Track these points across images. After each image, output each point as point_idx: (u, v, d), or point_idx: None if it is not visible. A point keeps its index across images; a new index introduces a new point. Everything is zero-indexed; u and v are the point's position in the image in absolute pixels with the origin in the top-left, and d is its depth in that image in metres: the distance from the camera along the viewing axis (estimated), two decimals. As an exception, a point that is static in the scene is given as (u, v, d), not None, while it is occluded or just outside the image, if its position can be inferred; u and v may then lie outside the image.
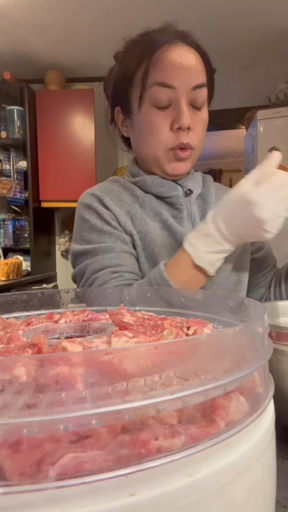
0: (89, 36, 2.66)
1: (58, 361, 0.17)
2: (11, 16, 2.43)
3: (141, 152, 0.77)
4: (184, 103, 0.68)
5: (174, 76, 0.67)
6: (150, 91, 0.68)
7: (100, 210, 0.74)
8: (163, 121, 0.70)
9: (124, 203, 0.77)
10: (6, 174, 2.99)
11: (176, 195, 0.77)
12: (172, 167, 0.74)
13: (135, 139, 0.78)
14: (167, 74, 0.67)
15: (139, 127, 0.73)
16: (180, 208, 0.78)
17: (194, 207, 0.80)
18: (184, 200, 0.78)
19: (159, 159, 0.74)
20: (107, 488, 0.16)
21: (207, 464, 0.18)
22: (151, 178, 0.77)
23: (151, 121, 0.70)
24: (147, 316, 0.38)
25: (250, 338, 0.23)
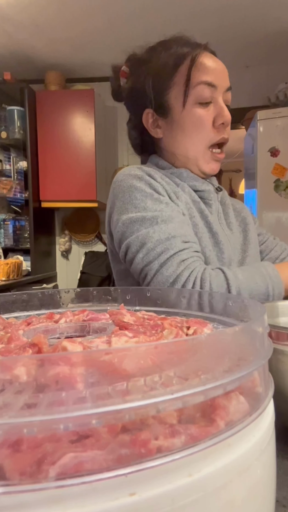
0: (89, 37, 2.66)
1: (58, 361, 0.17)
2: (12, 17, 2.43)
3: (180, 150, 0.79)
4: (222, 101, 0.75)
5: (215, 77, 0.74)
6: (195, 90, 0.74)
7: (153, 182, 0.75)
8: (208, 118, 0.75)
9: (169, 184, 0.78)
10: (6, 174, 2.99)
11: (208, 190, 0.81)
12: (210, 168, 0.80)
13: (174, 137, 0.79)
14: (210, 75, 0.74)
15: (181, 125, 0.77)
16: (210, 204, 0.81)
17: (219, 204, 0.84)
18: (214, 196, 0.82)
19: (198, 158, 0.78)
20: (107, 488, 0.16)
21: (207, 464, 0.18)
22: (187, 172, 0.81)
23: (197, 118, 0.75)
24: (147, 316, 0.38)
25: (250, 338, 0.23)
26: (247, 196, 2.96)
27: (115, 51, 2.93)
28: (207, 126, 0.76)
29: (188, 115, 0.76)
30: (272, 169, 2.57)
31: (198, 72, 0.74)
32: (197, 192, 0.81)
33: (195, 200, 0.79)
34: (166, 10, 2.32)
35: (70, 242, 3.39)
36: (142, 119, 0.82)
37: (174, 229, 0.68)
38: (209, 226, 0.78)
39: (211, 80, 0.74)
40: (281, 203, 2.53)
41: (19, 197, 3.00)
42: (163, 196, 0.73)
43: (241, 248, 0.83)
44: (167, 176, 0.81)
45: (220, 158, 0.80)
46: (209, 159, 0.79)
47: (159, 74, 0.77)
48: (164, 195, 0.74)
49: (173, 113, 0.77)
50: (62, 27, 2.54)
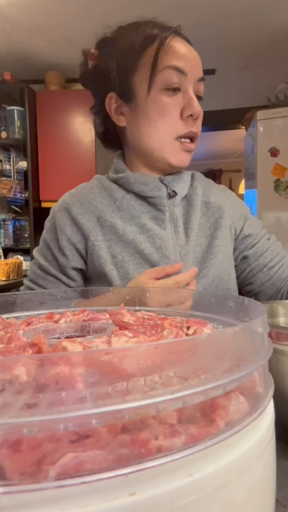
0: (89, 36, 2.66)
1: (58, 361, 0.17)
2: (12, 17, 2.43)
3: (144, 141, 0.72)
4: (192, 92, 0.69)
5: (186, 64, 0.67)
6: (162, 74, 0.67)
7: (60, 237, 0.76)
8: (175, 107, 0.69)
9: (95, 209, 0.75)
10: (6, 174, 2.99)
11: (159, 196, 0.75)
12: (179, 159, 0.72)
13: (136, 126, 0.72)
14: (180, 60, 0.67)
15: (146, 112, 0.70)
16: (163, 210, 0.75)
17: (178, 209, 0.77)
18: (168, 202, 0.76)
19: (164, 149, 0.71)
20: (107, 488, 0.16)
21: (207, 464, 0.18)
22: (134, 176, 0.75)
23: (163, 105, 0.68)
24: (147, 316, 0.38)
25: (250, 338, 0.23)
26: (247, 196, 2.97)
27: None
28: (173, 116, 0.69)
29: (153, 102, 0.69)
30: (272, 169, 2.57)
31: (166, 55, 0.67)
32: (148, 198, 0.75)
33: (134, 216, 0.75)
34: (166, 11, 2.32)
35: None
36: (105, 104, 0.74)
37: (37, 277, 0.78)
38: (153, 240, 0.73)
39: (180, 65, 0.67)
40: (281, 203, 2.53)
41: (19, 197, 3.00)
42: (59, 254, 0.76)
43: (201, 257, 0.76)
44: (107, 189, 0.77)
45: (191, 149, 0.72)
46: (177, 150, 0.71)
47: (124, 54, 0.70)
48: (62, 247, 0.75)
49: (137, 98, 0.70)
50: (62, 27, 2.54)
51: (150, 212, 0.76)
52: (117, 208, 0.76)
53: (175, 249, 0.74)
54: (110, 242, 0.73)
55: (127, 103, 0.72)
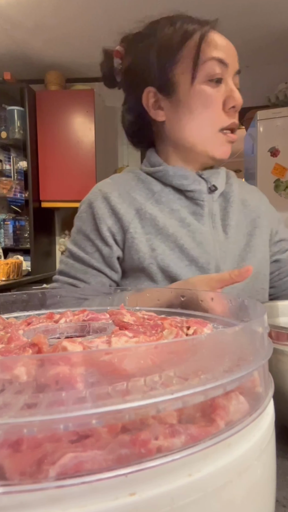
0: (89, 36, 2.66)
1: (58, 361, 0.17)
2: (12, 17, 2.43)
3: (185, 134, 0.71)
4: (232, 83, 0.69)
5: (226, 55, 0.68)
6: (204, 66, 0.67)
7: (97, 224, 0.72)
8: (218, 99, 0.68)
9: (134, 200, 0.73)
10: (6, 174, 2.99)
11: (199, 190, 0.73)
12: (222, 151, 0.71)
13: (177, 120, 0.71)
14: (221, 52, 0.67)
15: (188, 105, 0.69)
16: (202, 205, 0.74)
17: (216, 204, 0.76)
18: (207, 197, 0.74)
19: (207, 142, 0.70)
20: (107, 488, 0.16)
21: (207, 464, 0.18)
22: (174, 169, 0.73)
23: (207, 96, 0.68)
24: (147, 316, 0.38)
25: (250, 338, 0.23)
26: (247, 196, 2.96)
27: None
28: (217, 108, 0.68)
29: (196, 94, 0.68)
30: (272, 169, 2.57)
31: (208, 47, 0.66)
32: (187, 192, 0.74)
33: (174, 209, 0.73)
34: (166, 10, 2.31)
35: (70, 242, 3.39)
36: (142, 99, 0.73)
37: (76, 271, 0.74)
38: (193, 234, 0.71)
39: (222, 57, 0.67)
40: (281, 203, 2.53)
41: (19, 197, 3.00)
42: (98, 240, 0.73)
43: (239, 255, 0.74)
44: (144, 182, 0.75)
45: (234, 139, 0.71)
46: (222, 142, 0.70)
47: (164, 47, 0.69)
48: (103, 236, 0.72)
49: (179, 91, 0.69)
50: (62, 27, 2.54)
51: (189, 206, 0.74)
52: (156, 201, 0.74)
53: (214, 245, 0.72)
54: (149, 235, 0.71)
55: (167, 96, 0.71)
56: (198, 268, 0.71)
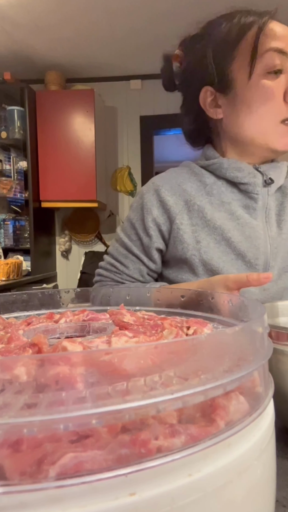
0: (89, 36, 2.66)
1: (58, 361, 0.17)
2: (12, 17, 2.43)
3: (244, 129, 0.71)
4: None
5: (287, 44, 0.65)
6: (263, 58, 0.65)
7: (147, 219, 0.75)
8: (278, 91, 0.66)
9: (184, 192, 0.74)
10: (6, 174, 2.99)
11: (253, 183, 0.72)
12: (284, 143, 0.69)
13: (236, 116, 0.71)
14: (281, 41, 0.65)
15: (246, 99, 0.68)
16: (255, 198, 0.73)
17: (272, 199, 0.74)
18: (262, 190, 0.73)
19: (268, 134, 0.69)
20: (107, 488, 0.16)
21: (207, 464, 0.18)
22: (229, 161, 0.73)
23: (266, 89, 0.66)
24: (147, 316, 0.38)
25: (250, 338, 0.23)
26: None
27: (115, 51, 2.94)
28: (277, 99, 0.66)
29: (254, 88, 0.67)
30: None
31: (266, 38, 0.65)
32: (240, 185, 0.73)
33: (225, 202, 0.72)
34: (166, 11, 2.32)
35: (70, 242, 3.39)
36: (199, 99, 0.74)
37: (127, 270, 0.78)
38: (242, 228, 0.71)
39: (281, 46, 0.65)
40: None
41: (19, 197, 3.00)
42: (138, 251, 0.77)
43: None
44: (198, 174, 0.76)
45: None
46: (283, 134, 0.68)
47: (221, 44, 0.69)
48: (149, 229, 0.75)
49: (237, 87, 0.69)
50: (62, 27, 2.54)
51: (241, 199, 0.74)
52: (206, 193, 0.74)
53: (266, 240, 0.71)
54: (195, 227, 0.72)
55: (225, 93, 0.71)
56: (245, 263, 0.71)
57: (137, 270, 0.77)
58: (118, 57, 2.93)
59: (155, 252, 0.76)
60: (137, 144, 3.29)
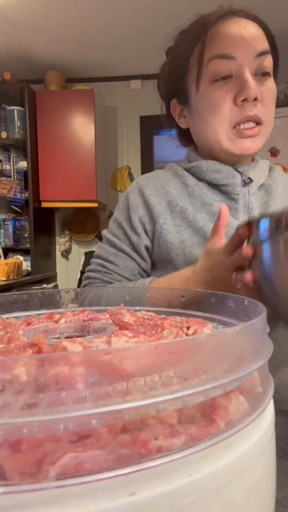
0: (89, 37, 2.66)
1: (58, 361, 0.17)
2: (12, 17, 2.43)
3: (202, 137, 0.72)
4: (248, 73, 0.64)
5: (234, 46, 0.64)
6: (208, 67, 0.65)
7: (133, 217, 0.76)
8: (225, 96, 0.66)
9: (167, 193, 0.75)
10: (6, 174, 2.99)
11: (232, 184, 0.72)
12: (240, 148, 0.68)
13: (194, 125, 0.73)
14: (225, 45, 0.64)
15: (198, 110, 0.70)
16: (236, 198, 0.73)
17: (254, 198, 0.74)
18: (242, 190, 0.73)
19: (221, 141, 0.69)
20: (107, 488, 0.16)
21: (207, 464, 0.18)
22: (207, 164, 0.73)
23: (211, 98, 0.66)
24: (147, 316, 0.38)
25: (250, 338, 0.23)
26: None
27: (115, 51, 2.94)
28: (225, 106, 0.66)
29: (202, 98, 0.68)
30: (272, 169, 2.56)
31: (211, 45, 0.64)
32: (220, 186, 0.73)
33: (206, 203, 0.73)
34: (165, 11, 2.32)
35: (70, 242, 3.39)
36: (171, 109, 0.78)
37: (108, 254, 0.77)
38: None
39: (226, 51, 0.63)
40: (281, 203, 2.53)
41: (19, 197, 3.00)
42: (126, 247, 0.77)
43: None
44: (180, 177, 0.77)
45: (252, 134, 0.67)
46: (235, 138, 0.68)
47: (177, 58, 0.71)
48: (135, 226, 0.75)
49: (191, 98, 0.71)
50: (62, 27, 2.54)
51: (223, 200, 0.74)
52: (188, 195, 0.75)
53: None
54: (179, 228, 0.73)
55: (185, 105, 0.74)
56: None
57: (129, 268, 0.76)
58: (118, 57, 2.93)
59: (144, 250, 0.77)
60: (137, 144, 3.29)
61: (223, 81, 0.66)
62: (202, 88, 0.67)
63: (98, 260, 0.79)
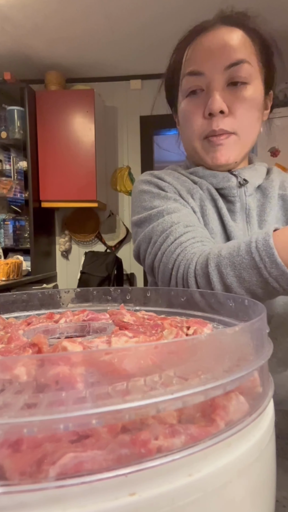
0: (89, 36, 2.66)
1: (58, 361, 0.17)
2: (12, 17, 2.43)
3: (185, 147, 0.77)
4: (216, 87, 0.66)
5: (202, 62, 0.66)
6: (182, 83, 0.70)
7: (161, 183, 0.74)
8: (195, 110, 0.69)
9: (185, 182, 0.75)
10: (6, 174, 2.99)
11: (228, 186, 0.72)
12: (211, 157, 0.70)
13: (180, 135, 0.78)
14: (195, 62, 0.67)
15: (180, 121, 0.75)
16: (233, 201, 0.73)
17: (251, 200, 0.74)
18: (238, 192, 0.73)
19: (197, 152, 0.72)
20: (107, 488, 0.16)
21: (207, 464, 0.18)
22: (202, 169, 0.75)
23: (185, 112, 0.71)
24: (147, 316, 0.38)
25: (250, 338, 0.23)
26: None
27: (115, 50, 2.94)
28: (195, 119, 0.69)
29: (180, 112, 0.73)
30: (272, 169, 2.56)
31: (186, 63, 0.69)
32: (218, 190, 0.74)
33: (214, 198, 0.73)
34: (165, 12, 2.32)
35: (70, 242, 3.39)
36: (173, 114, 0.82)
37: (178, 217, 0.66)
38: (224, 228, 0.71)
39: (196, 68, 0.67)
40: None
41: (19, 197, 3.00)
42: (171, 194, 0.72)
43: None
44: (186, 175, 0.77)
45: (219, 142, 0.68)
46: (208, 149, 0.70)
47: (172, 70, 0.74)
48: (172, 193, 0.72)
49: (178, 109, 0.75)
50: (62, 27, 2.54)
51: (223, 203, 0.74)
52: (199, 187, 0.75)
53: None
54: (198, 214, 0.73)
55: (175, 114, 0.79)
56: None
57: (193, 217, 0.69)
58: (118, 57, 2.93)
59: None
60: (137, 144, 3.29)
61: (193, 95, 0.69)
62: (180, 101, 0.73)
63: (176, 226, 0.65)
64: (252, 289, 0.51)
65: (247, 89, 0.68)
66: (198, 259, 0.57)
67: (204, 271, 0.55)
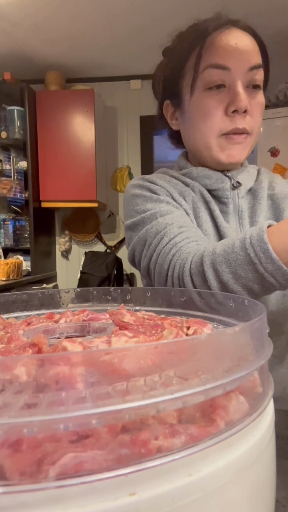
0: (89, 36, 2.66)
1: (58, 361, 0.17)
2: (12, 17, 2.43)
3: (192, 142, 0.74)
4: (240, 85, 0.66)
5: (229, 58, 0.65)
6: (203, 75, 0.67)
7: (153, 186, 0.73)
8: (217, 105, 0.67)
9: (176, 185, 0.75)
10: (6, 174, 2.99)
11: (222, 188, 0.73)
12: (227, 155, 0.70)
13: (185, 129, 0.75)
14: (221, 56, 0.65)
15: (190, 115, 0.71)
16: (226, 202, 0.74)
17: (243, 201, 0.75)
18: (232, 194, 0.74)
19: (211, 148, 0.70)
20: (107, 488, 0.16)
21: (207, 464, 0.18)
22: (197, 170, 0.75)
23: (204, 106, 0.68)
24: (147, 316, 0.38)
25: (250, 338, 0.23)
26: (247, 196, 2.96)
27: (115, 50, 2.94)
28: (216, 114, 0.67)
29: (195, 104, 0.69)
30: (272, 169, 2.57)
31: (208, 54, 0.66)
32: (212, 191, 0.74)
33: (206, 200, 0.74)
34: (164, 12, 2.32)
35: (70, 242, 3.39)
36: (163, 110, 0.79)
37: (172, 218, 0.67)
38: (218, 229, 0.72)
39: (222, 62, 0.65)
40: (281, 203, 2.53)
41: (19, 197, 3.00)
42: (163, 197, 0.72)
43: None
44: (177, 178, 0.77)
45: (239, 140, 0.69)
46: (225, 146, 0.69)
47: (174, 61, 0.72)
48: (165, 196, 0.72)
49: (184, 102, 0.72)
50: (62, 27, 2.54)
51: (216, 204, 0.75)
52: (191, 189, 0.75)
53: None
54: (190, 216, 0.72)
55: (178, 107, 0.75)
56: None
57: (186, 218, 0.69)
58: (118, 57, 2.93)
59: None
60: (137, 144, 3.29)
61: (216, 89, 0.67)
62: (196, 94, 0.69)
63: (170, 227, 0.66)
64: (249, 285, 0.51)
65: (260, 93, 0.70)
66: (193, 258, 0.57)
67: (200, 269, 0.55)
